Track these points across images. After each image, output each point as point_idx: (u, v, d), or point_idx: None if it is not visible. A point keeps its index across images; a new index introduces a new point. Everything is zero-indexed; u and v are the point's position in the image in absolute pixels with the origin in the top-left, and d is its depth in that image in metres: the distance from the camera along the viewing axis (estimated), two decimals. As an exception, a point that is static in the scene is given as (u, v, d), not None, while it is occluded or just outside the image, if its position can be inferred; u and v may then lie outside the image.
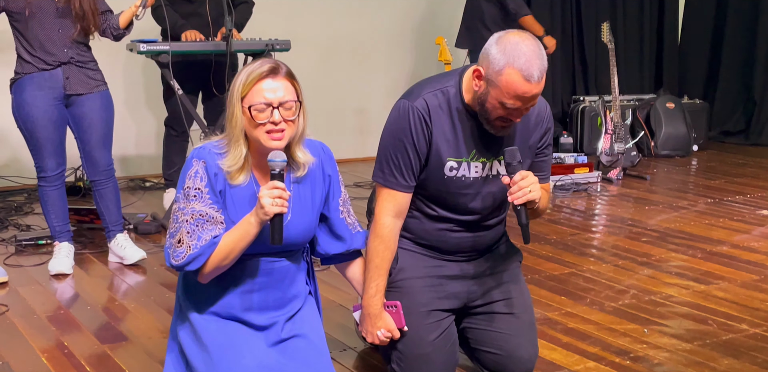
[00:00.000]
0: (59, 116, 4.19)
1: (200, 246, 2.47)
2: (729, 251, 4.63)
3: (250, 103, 2.45)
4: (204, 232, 2.48)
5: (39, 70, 4.11)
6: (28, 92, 4.12)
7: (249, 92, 2.46)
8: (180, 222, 2.49)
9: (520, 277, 3.05)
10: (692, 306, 3.77)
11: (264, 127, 2.46)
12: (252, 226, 2.46)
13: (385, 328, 2.83)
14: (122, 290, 4.09)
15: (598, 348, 3.31)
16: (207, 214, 2.49)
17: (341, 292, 3.88)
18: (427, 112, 2.74)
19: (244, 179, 2.54)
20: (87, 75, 4.21)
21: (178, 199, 2.53)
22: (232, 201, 2.53)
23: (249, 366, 2.49)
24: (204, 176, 2.50)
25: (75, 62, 4.16)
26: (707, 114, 8.13)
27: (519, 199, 2.64)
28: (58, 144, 4.23)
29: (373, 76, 7.47)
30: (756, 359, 3.20)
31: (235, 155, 2.50)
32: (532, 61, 2.57)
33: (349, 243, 2.78)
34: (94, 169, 4.35)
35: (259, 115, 2.45)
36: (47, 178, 4.25)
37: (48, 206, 4.31)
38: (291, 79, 2.52)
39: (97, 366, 3.17)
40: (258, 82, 2.46)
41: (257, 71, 2.47)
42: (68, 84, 4.16)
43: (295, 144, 2.57)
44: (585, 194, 6.12)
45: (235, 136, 2.50)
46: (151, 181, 6.38)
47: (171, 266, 2.52)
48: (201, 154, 2.52)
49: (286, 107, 2.47)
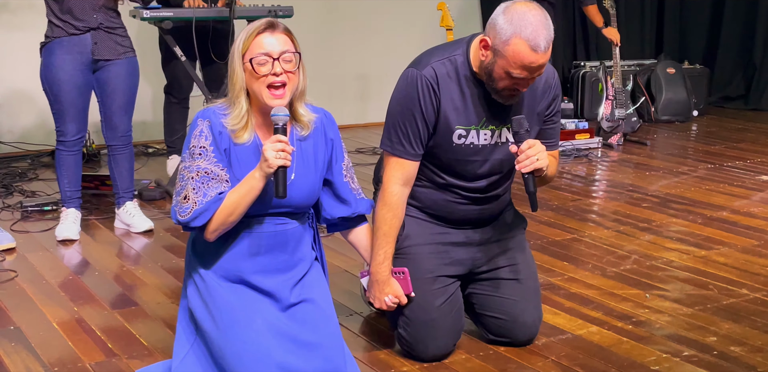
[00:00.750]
0: (85, 82, 4.23)
1: (206, 202, 2.52)
2: (729, 217, 4.67)
3: (251, 56, 2.52)
4: (209, 189, 2.53)
5: (68, 35, 4.15)
6: (56, 56, 4.17)
7: (249, 47, 2.54)
8: (186, 179, 2.55)
9: (524, 244, 3.10)
10: (693, 271, 3.82)
11: (265, 79, 2.52)
12: (256, 181, 2.51)
13: (393, 294, 2.88)
14: (129, 256, 4.13)
15: (601, 312, 3.36)
16: (212, 172, 2.54)
17: (347, 258, 3.92)
18: (435, 81, 2.76)
19: (248, 138, 2.59)
20: (115, 41, 4.24)
21: (183, 159, 2.59)
22: (236, 159, 2.59)
23: (259, 330, 2.53)
24: (208, 135, 2.55)
25: (104, 28, 4.19)
26: (707, 79, 8.13)
27: (526, 167, 2.67)
28: (80, 109, 4.26)
29: (374, 42, 7.46)
30: (756, 323, 3.25)
31: (238, 113, 2.57)
32: (539, 31, 2.59)
33: (354, 207, 2.82)
34: (112, 133, 4.39)
35: (260, 68, 2.52)
36: (66, 143, 4.29)
37: (62, 170, 4.35)
38: (288, 33, 2.59)
39: (107, 331, 3.22)
40: (257, 36, 2.54)
41: (255, 26, 2.57)
42: (96, 49, 4.19)
43: (296, 101, 2.63)
44: (586, 160, 6.15)
45: (236, 94, 2.57)
46: (154, 147, 6.40)
47: (177, 222, 2.58)
48: (205, 114, 2.59)
49: (285, 59, 2.54)
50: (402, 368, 2.90)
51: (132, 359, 2.98)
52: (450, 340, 2.94)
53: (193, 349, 2.66)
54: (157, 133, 6.08)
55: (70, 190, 4.37)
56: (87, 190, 5.08)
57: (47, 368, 2.91)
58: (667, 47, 8.72)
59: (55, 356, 3.00)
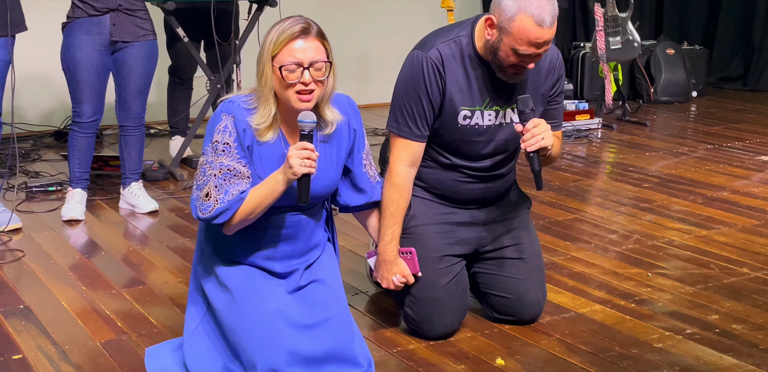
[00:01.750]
0: (101, 63, 4.24)
1: (227, 200, 2.51)
2: (729, 197, 4.71)
3: (281, 64, 2.47)
4: (231, 186, 2.52)
5: (88, 16, 4.17)
6: (75, 36, 4.19)
7: (280, 52, 2.47)
8: (208, 175, 2.53)
9: (529, 224, 3.13)
10: (694, 250, 3.86)
11: (294, 87, 2.48)
12: (279, 184, 2.50)
13: (401, 274, 2.91)
14: (135, 236, 4.17)
15: (604, 291, 3.40)
16: (234, 169, 2.53)
17: (352, 238, 3.96)
18: (440, 62, 2.79)
19: (272, 136, 2.57)
20: (135, 23, 4.25)
21: (205, 152, 2.56)
22: (259, 157, 2.57)
23: (270, 310, 2.56)
24: (233, 131, 2.52)
25: (123, 10, 4.20)
26: (706, 60, 8.14)
27: (532, 146, 2.70)
28: (97, 91, 4.28)
29: (374, 22, 7.46)
30: (757, 302, 3.29)
31: (264, 114, 2.53)
32: (544, 7, 2.61)
33: (369, 195, 2.84)
34: (125, 114, 4.41)
35: (290, 76, 2.47)
36: (81, 124, 4.31)
37: (74, 151, 4.37)
38: (322, 39, 2.53)
39: (116, 309, 3.26)
40: (289, 43, 2.47)
41: (289, 31, 2.47)
42: (115, 31, 4.21)
43: (323, 103, 2.60)
44: (586, 141, 6.18)
45: (264, 95, 2.52)
46: (156, 128, 6.42)
47: (198, 218, 2.57)
48: (230, 109, 2.54)
49: (316, 67, 2.49)
50: (408, 346, 2.94)
51: (141, 337, 3.02)
52: (456, 318, 2.98)
53: (202, 323, 2.69)
54: (160, 114, 6.09)
55: (79, 171, 4.40)
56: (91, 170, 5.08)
57: (58, 346, 2.94)
58: (666, 28, 8.72)
59: (66, 335, 3.04)
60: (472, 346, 2.93)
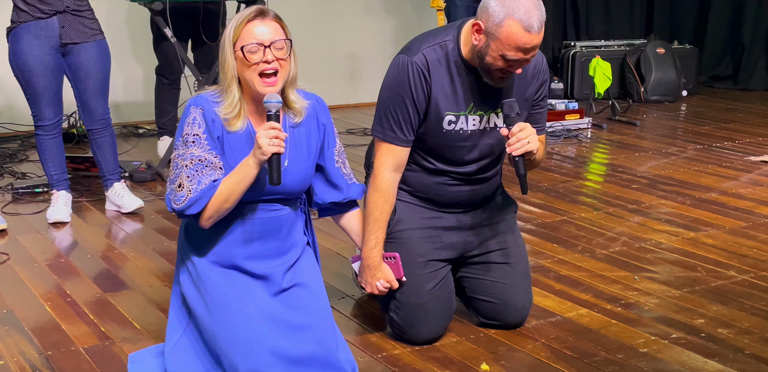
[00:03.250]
0: (56, 65, 4.20)
1: (200, 190, 2.53)
2: (717, 198, 4.70)
3: (242, 45, 2.52)
4: (203, 176, 2.54)
5: (35, 19, 4.11)
6: (24, 41, 4.13)
7: (240, 35, 2.54)
8: (180, 167, 2.56)
9: (515, 227, 3.12)
10: (681, 253, 3.85)
11: (257, 67, 2.52)
12: (251, 168, 2.52)
13: (385, 279, 2.90)
14: (121, 238, 4.15)
15: (590, 295, 3.39)
16: (206, 160, 2.55)
17: (338, 240, 3.94)
18: (426, 67, 2.77)
19: (241, 125, 2.60)
20: (83, 24, 4.21)
21: (177, 147, 2.59)
22: (230, 147, 2.59)
23: (251, 314, 2.55)
24: (201, 122, 2.56)
25: (71, 11, 4.15)
26: (697, 59, 8.15)
27: (518, 150, 2.69)
28: (54, 93, 4.24)
29: (364, 22, 7.44)
30: (743, 305, 3.28)
31: (230, 102, 2.57)
32: (532, 12, 2.60)
33: (345, 192, 2.84)
34: (90, 118, 4.37)
35: (252, 56, 2.52)
36: (44, 128, 4.28)
37: (45, 155, 4.34)
38: (279, 20, 2.60)
39: (99, 313, 3.24)
40: (248, 24, 2.54)
41: (245, 14, 2.56)
42: (64, 33, 4.16)
43: (288, 87, 2.63)
44: (576, 141, 6.17)
45: (227, 82, 2.56)
46: (144, 128, 6.40)
47: (172, 211, 2.59)
48: (198, 102, 2.59)
49: (277, 46, 2.54)
50: (393, 351, 2.92)
51: (125, 343, 3.00)
52: (441, 323, 2.97)
53: (185, 333, 2.68)
54: (148, 114, 6.07)
55: (56, 173, 4.38)
56: (77, 171, 5.08)
57: (41, 352, 2.93)
58: (656, 27, 8.73)
59: (48, 340, 3.02)
60: (458, 352, 2.91)
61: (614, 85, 7.56)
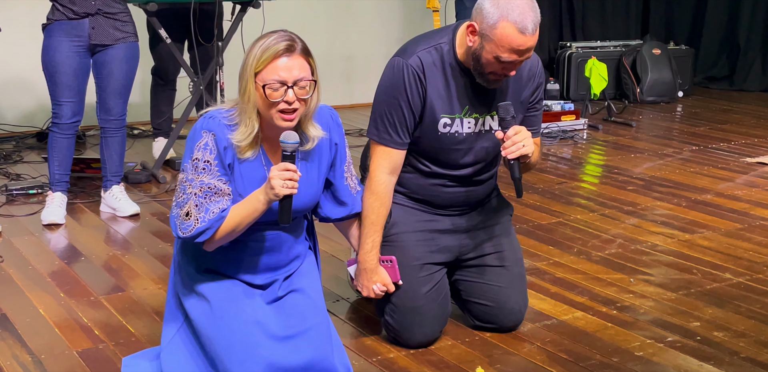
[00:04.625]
0: (81, 65, 4.23)
1: (208, 219, 2.48)
2: (713, 200, 4.70)
3: (265, 82, 2.42)
4: (212, 204, 2.49)
5: (67, 19, 4.16)
6: (55, 38, 4.19)
7: (264, 69, 2.43)
8: (188, 194, 2.50)
9: (511, 230, 3.11)
10: (677, 255, 3.85)
11: (277, 106, 2.45)
12: (261, 204, 2.47)
13: (381, 283, 2.89)
14: (115, 240, 4.13)
15: (586, 298, 3.38)
16: (215, 187, 2.49)
17: (334, 243, 3.93)
18: (421, 70, 2.76)
19: (253, 153, 2.54)
20: (114, 26, 4.23)
21: (185, 169, 2.52)
22: (240, 174, 2.54)
23: (248, 321, 2.53)
24: (213, 149, 2.48)
25: (102, 13, 4.19)
26: (692, 60, 8.15)
27: (513, 153, 2.68)
28: (76, 92, 4.26)
29: (361, 22, 7.43)
30: (739, 308, 3.28)
31: (246, 131, 2.49)
32: (526, 14, 2.59)
33: (351, 207, 2.82)
34: (106, 116, 4.39)
35: (273, 94, 2.43)
36: (60, 126, 4.29)
37: (54, 153, 4.35)
38: (307, 56, 2.49)
39: (94, 318, 3.22)
40: (273, 61, 2.42)
41: (273, 48, 2.43)
42: (94, 34, 4.20)
43: (306, 120, 2.56)
44: (571, 142, 6.17)
45: (247, 112, 2.47)
46: (139, 128, 6.38)
47: (178, 237, 2.54)
48: (210, 126, 2.49)
49: (300, 86, 2.45)
50: (388, 354, 2.92)
51: (119, 346, 2.98)
52: (436, 326, 2.96)
53: (179, 333, 2.66)
54: (144, 115, 6.06)
55: (59, 174, 4.38)
56: (72, 172, 5.05)
57: (34, 356, 2.91)
58: (652, 28, 8.72)
59: (42, 343, 3.00)
60: (453, 355, 2.91)
61: (610, 86, 7.55)
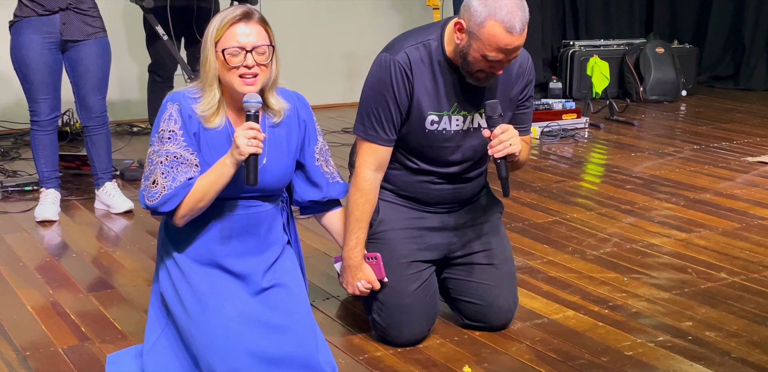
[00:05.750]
0: (54, 61, 4.20)
1: (174, 187, 2.50)
2: (712, 199, 4.66)
3: (224, 47, 2.49)
4: (179, 173, 2.51)
5: (37, 15, 4.11)
6: (25, 35, 4.14)
7: (222, 36, 2.50)
8: (155, 164, 2.53)
9: (500, 229, 3.08)
10: (673, 254, 3.81)
11: (237, 70, 2.50)
12: (227, 167, 2.49)
13: (366, 280, 2.87)
14: (108, 238, 4.12)
15: (578, 297, 3.35)
16: (181, 156, 2.52)
17: (326, 240, 3.90)
18: (408, 66, 2.74)
19: (219, 122, 2.57)
20: (85, 22, 4.20)
21: (152, 142, 2.56)
22: (207, 144, 2.56)
23: (230, 315, 2.52)
24: (178, 119, 2.53)
25: (73, 8, 4.15)
26: (697, 59, 8.10)
27: (499, 152, 2.65)
28: (52, 89, 4.24)
29: (362, 20, 7.41)
30: (732, 308, 3.24)
31: (209, 100, 2.54)
32: (514, 13, 2.56)
33: (325, 191, 2.81)
34: (87, 115, 4.36)
35: (233, 59, 2.48)
36: (40, 123, 4.27)
37: (38, 151, 4.33)
38: (264, 24, 2.55)
39: (82, 314, 3.20)
40: (231, 27, 2.50)
41: (230, 15, 2.51)
42: (65, 30, 4.16)
43: (268, 90, 2.61)
44: (572, 141, 6.13)
45: (208, 81, 2.53)
46: (138, 126, 6.36)
47: (145, 207, 2.57)
48: (175, 98, 2.56)
49: (259, 51, 2.51)
50: (376, 353, 2.89)
51: (105, 343, 2.97)
52: (424, 325, 2.93)
53: (164, 333, 2.65)
54: (142, 112, 6.05)
55: (47, 170, 4.36)
56: (68, 170, 5.06)
57: (19, 352, 2.89)
58: (656, 27, 8.68)
59: (28, 340, 2.99)
60: (441, 354, 2.88)
61: (613, 85, 7.52)
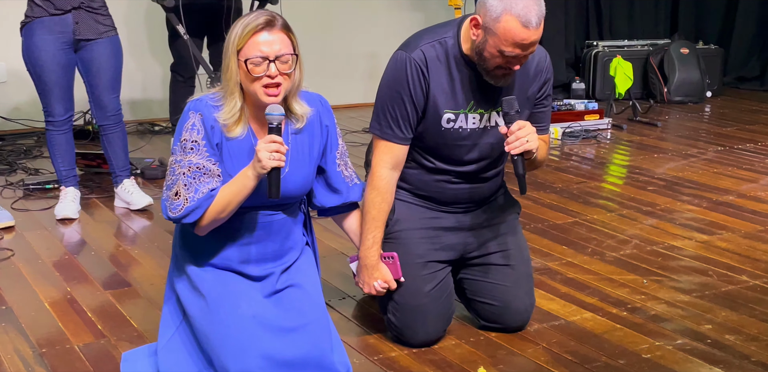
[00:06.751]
0: (68, 61, 4.20)
1: (197, 199, 2.47)
2: (735, 201, 4.61)
3: (246, 57, 2.43)
4: (201, 184, 2.48)
5: (49, 15, 4.12)
6: (37, 36, 4.14)
7: (245, 45, 2.44)
8: (177, 174, 2.50)
9: (517, 229, 3.06)
10: (694, 257, 3.77)
11: (260, 81, 2.44)
12: (249, 180, 2.46)
13: (382, 279, 2.85)
14: (127, 236, 4.12)
15: (596, 298, 3.32)
16: (204, 167, 2.49)
17: (342, 239, 3.89)
18: (424, 64, 2.72)
19: (241, 131, 2.53)
20: (97, 20, 4.21)
21: (174, 151, 2.53)
22: (229, 153, 2.53)
23: (244, 315, 2.51)
24: (201, 129, 2.48)
25: (85, 7, 4.16)
26: (722, 59, 8.02)
27: (516, 149, 2.63)
28: (66, 89, 4.24)
29: (384, 20, 7.39)
30: (753, 311, 3.20)
31: (230, 108, 2.49)
32: (530, 7, 2.54)
33: (345, 196, 2.78)
34: (102, 113, 4.37)
35: (256, 69, 2.43)
36: (55, 123, 4.28)
37: (55, 150, 4.34)
38: (287, 31, 2.49)
39: (99, 312, 3.21)
40: (254, 35, 2.43)
41: (253, 23, 2.44)
42: (77, 29, 4.16)
43: (291, 96, 2.56)
44: (594, 141, 6.08)
45: (230, 89, 2.48)
46: (160, 125, 6.38)
47: (168, 218, 2.53)
48: (197, 107, 2.51)
49: (282, 60, 2.45)
50: (390, 353, 2.87)
51: (120, 341, 2.97)
52: (439, 325, 2.91)
53: (178, 331, 2.65)
54: (164, 112, 6.07)
55: (65, 169, 4.37)
56: (89, 168, 5.07)
57: (35, 349, 2.90)
58: (681, 27, 8.60)
59: (44, 337, 3.00)
60: (456, 355, 2.86)
61: (637, 86, 7.46)
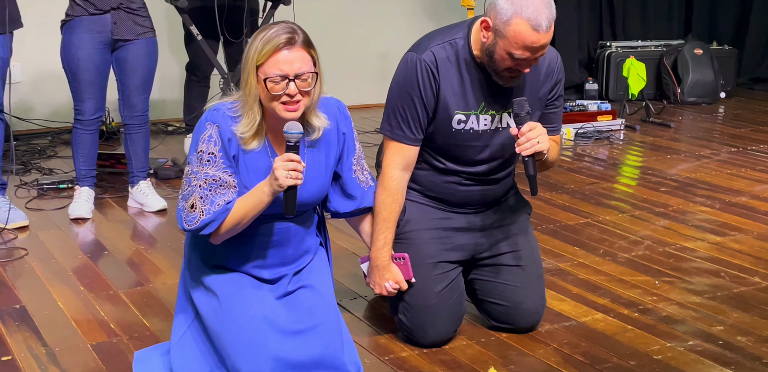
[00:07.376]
0: (103, 61, 4.25)
1: (213, 211, 2.47)
2: (748, 202, 4.60)
3: (266, 76, 2.40)
4: (217, 196, 2.48)
5: (89, 15, 4.16)
6: (76, 34, 4.18)
7: (265, 63, 2.41)
8: (193, 186, 2.49)
9: (528, 230, 3.06)
10: (706, 258, 3.76)
11: (279, 99, 2.43)
12: (265, 196, 2.46)
13: (393, 280, 2.86)
14: (141, 236, 4.14)
15: (608, 299, 3.32)
16: (220, 179, 2.48)
17: (354, 240, 3.90)
18: (434, 65, 2.73)
19: (258, 144, 2.52)
20: (135, 21, 4.24)
21: (190, 162, 2.51)
22: (245, 166, 2.53)
23: (256, 316, 2.52)
24: (218, 141, 2.47)
25: (124, 8, 4.19)
26: (736, 60, 7.99)
27: (527, 150, 2.63)
28: (98, 89, 4.29)
29: (396, 20, 7.40)
30: (765, 313, 3.20)
31: (249, 122, 2.48)
32: (540, 10, 2.54)
33: (359, 201, 2.79)
34: (129, 112, 4.41)
35: (275, 87, 2.40)
36: (83, 122, 4.32)
37: (78, 149, 4.38)
38: (308, 47, 2.46)
39: (111, 310, 3.23)
40: (274, 54, 2.40)
41: (274, 41, 2.40)
42: (115, 29, 4.20)
43: (310, 111, 2.54)
44: (607, 142, 6.07)
45: (249, 104, 2.46)
46: (174, 125, 6.40)
47: (183, 230, 2.54)
48: (215, 118, 2.49)
49: (302, 79, 2.43)
50: (401, 353, 2.88)
51: (133, 340, 2.99)
52: (450, 326, 2.92)
53: (190, 330, 2.66)
54: (178, 112, 6.08)
55: (85, 169, 4.40)
56: (103, 168, 5.09)
57: (48, 348, 2.92)
58: (695, 28, 8.57)
59: (58, 336, 3.02)
60: (466, 355, 2.86)
61: (650, 87, 7.44)
